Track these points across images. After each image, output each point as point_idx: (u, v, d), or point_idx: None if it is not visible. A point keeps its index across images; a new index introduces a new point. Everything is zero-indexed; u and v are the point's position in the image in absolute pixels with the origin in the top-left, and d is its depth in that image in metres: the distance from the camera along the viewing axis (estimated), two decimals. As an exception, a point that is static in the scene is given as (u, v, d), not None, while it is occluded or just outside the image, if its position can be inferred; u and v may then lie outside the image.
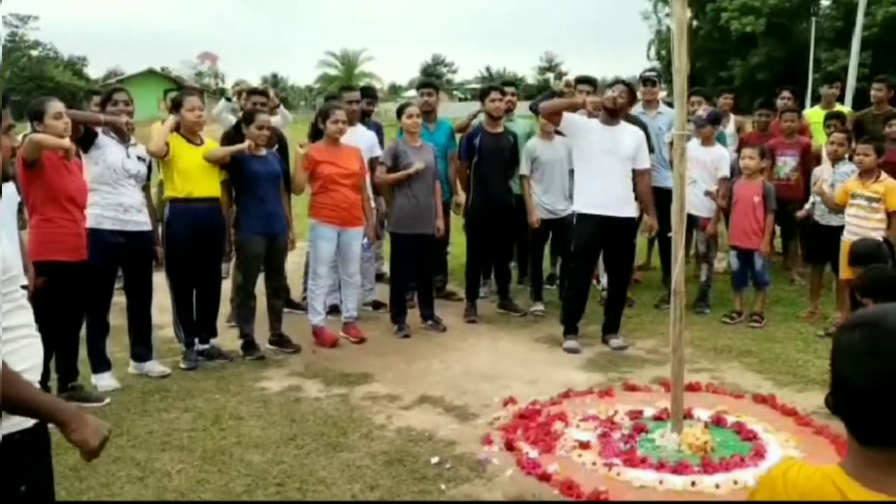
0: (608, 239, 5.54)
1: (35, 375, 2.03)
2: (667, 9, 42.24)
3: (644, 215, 5.91)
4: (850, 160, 6.07)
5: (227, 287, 5.85)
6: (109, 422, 4.20)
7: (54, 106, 4.30)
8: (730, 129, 7.79)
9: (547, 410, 4.47)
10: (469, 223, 6.50)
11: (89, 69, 54.19)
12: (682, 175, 3.99)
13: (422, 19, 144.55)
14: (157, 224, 5.17)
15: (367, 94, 6.96)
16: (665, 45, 44.46)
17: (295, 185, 5.72)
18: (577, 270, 5.75)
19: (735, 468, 3.73)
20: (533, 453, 3.92)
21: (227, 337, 5.66)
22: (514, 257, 7.17)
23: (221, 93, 7.78)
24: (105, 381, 4.83)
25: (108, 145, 4.78)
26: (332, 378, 5.03)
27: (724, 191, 6.41)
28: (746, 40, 45.54)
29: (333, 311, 6.14)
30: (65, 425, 1.86)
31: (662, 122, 6.83)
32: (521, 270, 7.35)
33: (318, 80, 59.75)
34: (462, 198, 6.73)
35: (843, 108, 7.93)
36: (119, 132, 4.87)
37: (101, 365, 4.86)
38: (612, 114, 5.53)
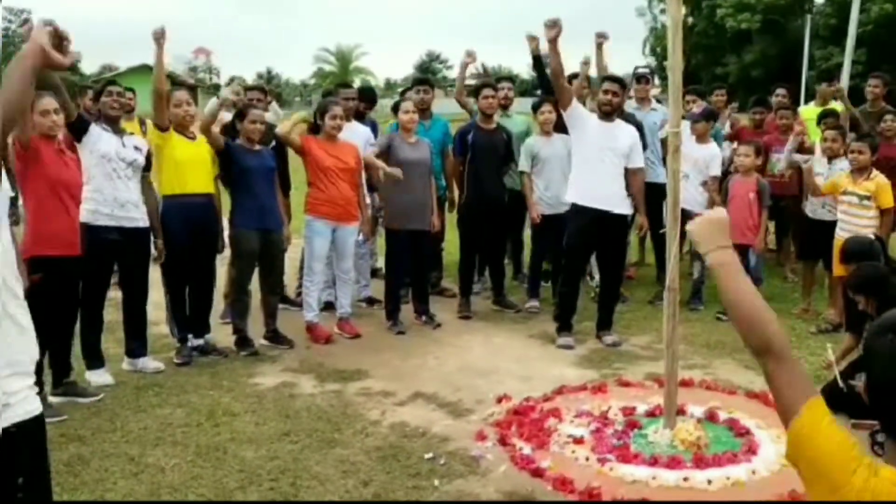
0: (601, 235, 5.56)
1: (31, 366, 2.04)
2: (662, 5, 42.30)
3: (637, 213, 5.93)
4: (844, 156, 6.08)
5: (222, 283, 5.85)
6: (103, 418, 4.25)
7: (41, 103, 4.24)
8: (726, 127, 7.81)
9: (541, 406, 4.49)
10: (462, 219, 6.51)
11: (83, 64, 53.94)
12: (675, 172, 4.00)
13: (417, 15, 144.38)
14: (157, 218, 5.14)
15: (367, 98, 6.93)
16: (660, 42, 44.50)
17: (288, 141, 5.67)
18: (569, 267, 5.77)
19: (728, 464, 3.75)
20: (527, 449, 3.94)
21: (222, 333, 5.65)
22: (508, 254, 7.17)
23: (216, 88, 7.75)
24: (99, 377, 4.82)
25: (100, 134, 4.75)
26: (326, 374, 5.03)
27: (714, 186, 6.43)
28: (741, 37, 45.60)
29: (328, 307, 6.14)
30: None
31: (656, 119, 6.84)
32: (516, 267, 7.36)
33: (313, 75, 59.68)
34: (456, 194, 6.74)
35: (837, 106, 7.95)
36: (111, 122, 4.84)
37: (95, 361, 4.86)
38: (608, 112, 5.55)
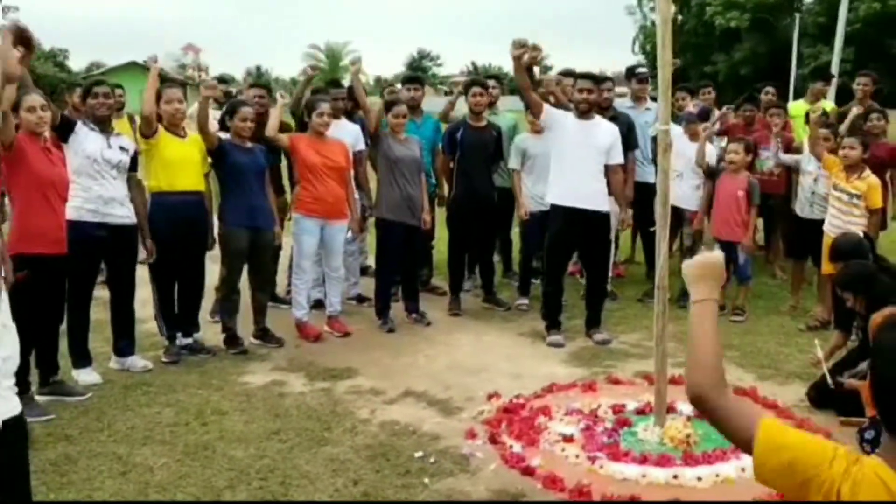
0: (582, 233, 5.57)
1: (11, 366, 2.02)
2: (651, 3, 42.38)
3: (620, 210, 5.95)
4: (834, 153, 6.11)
5: (211, 280, 5.81)
6: (91, 417, 4.22)
7: (27, 100, 4.20)
8: (716, 126, 7.82)
9: (531, 404, 4.48)
10: (452, 217, 6.50)
11: (71, 61, 53.61)
12: (665, 170, 4.00)
13: (408, 12, 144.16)
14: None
15: (354, 98, 6.91)
16: (650, 40, 44.63)
17: (271, 134, 5.63)
18: (551, 266, 5.79)
19: (717, 461, 3.76)
20: (517, 447, 3.93)
21: (211, 331, 5.62)
22: (497, 251, 7.17)
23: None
24: (86, 376, 4.78)
25: (87, 135, 4.72)
26: (315, 372, 5.01)
27: (708, 186, 6.44)
28: (730, 35, 45.78)
29: (318, 305, 6.12)
30: None
31: (650, 118, 6.85)
32: (505, 265, 7.36)
33: (303, 72, 59.46)
34: (446, 191, 6.73)
35: (827, 104, 7.98)
36: (99, 122, 4.81)
37: (82, 359, 4.82)
38: (584, 111, 5.56)
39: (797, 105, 8.02)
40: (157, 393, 4.65)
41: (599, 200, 5.58)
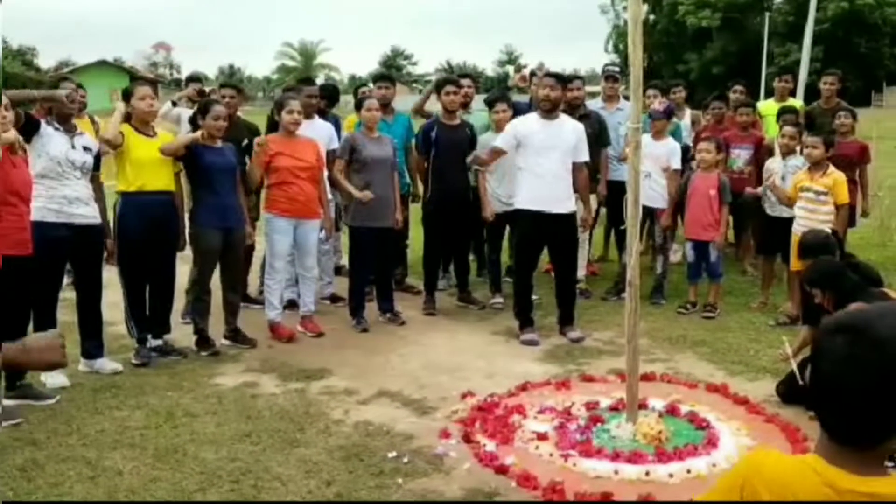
0: (549, 234, 5.60)
1: None
2: (624, 3, 42.67)
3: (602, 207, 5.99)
4: (801, 153, 6.19)
5: (182, 281, 5.75)
6: (59, 421, 4.15)
7: None
8: (685, 120, 7.89)
9: (505, 403, 4.49)
10: (426, 216, 6.49)
11: (39, 59, 52.85)
12: (636, 169, 4.03)
13: (382, 10, 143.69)
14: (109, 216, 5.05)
15: (329, 95, 6.86)
16: (623, 39, 44.91)
17: (250, 180, 5.64)
18: (519, 264, 5.82)
19: (688, 457, 3.79)
20: (490, 446, 3.94)
21: (182, 332, 5.56)
22: (472, 250, 7.17)
23: (177, 83, 7.64)
24: (54, 379, 4.70)
25: (51, 136, 4.64)
26: (288, 373, 4.98)
27: (675, 185, 6.49)
28: (702, 34, 46.25)
29: (291, 305, 6.08)
30: (19, 364, 1.86)
31: (622, 117, 6.89)
32: (480, 263, 7.37)
33: (277, 70, 59.15)
34: (420, 190, 6.72)
35: (796, 102, 8.08)
36: (63, 117, 4.73)
37: (49, 362, 4.74)
38: (548, 109, 5.58)
39: (767, 104, 8.11)
40: (127, 395, 4.59)
41: (566, 201, 5.60)
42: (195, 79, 7.46)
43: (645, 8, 39.92)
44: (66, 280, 4.99)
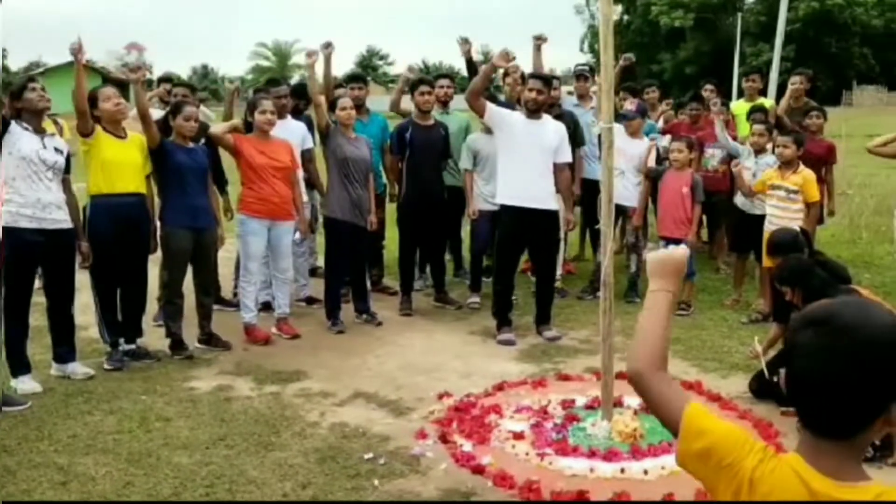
0: (531, 231, 5.61)
1: None
2: (598, 3, 43.01)
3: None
4: (772, 152, 6.27)
5: (154, 285, 5.69)
6: (30, 427, 4.09)
7: None
8: (660, 123, 7.96)
9: (481, 402, 4.50)
10: (401, 216, 6.48)
11: (9, 60, 51.96)
12: (609, 167, 4.05)
13: (357, 10, 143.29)
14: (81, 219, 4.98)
15: (302, 95, 6.82)
16: (597, 39, 45.24)
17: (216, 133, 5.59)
18: (500, 263, 5.82)
19: (663, 454, 3.82)
20: (467, 446, 3.94)
21: (154, 336, 5.50)
22: (448, 250, 7.17)
23: (149, 84, 7.52)
24: (25, 385, 4.63)
25: (21, 135, 4.57)
26: (263, 376, 4.95)
27: (646, 184, 6.55)
28: (675, 35, 46.67)
29: (266, 307, 6.04)
30: None
31: (595, 116, 6.93)
32: (456, 263, 7.37)
33: (251, 71, 58.71)
34: (396, 190, 6.71)
35: (766, 101, 8.18)
36: (35, 120, 4.66)
37: (20, 367, 4.67)
38: (534, 110, 5.60)
39: (738, 104, 8.20)
40: (100, 400, 4.53)
41: (548, 199, 5.62)
42: (167, 79, 7.38)
43: (618, 8, 40.06)
44: (36, 284, 4.90)
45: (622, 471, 3.67)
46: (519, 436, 4.05)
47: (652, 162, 6.67)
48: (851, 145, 11.25)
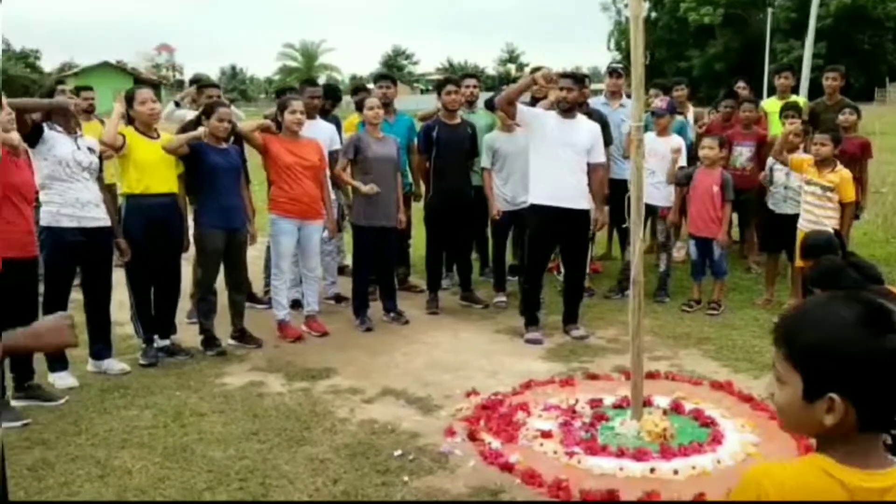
0: (562, 231, 5.61)
1: None
2: (625, 0, 42.64)
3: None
4: (806, 151, 6.20)
5: (188, 283, 5.78)
6: (68, 421, 4.18)
7: None
8: (689, 117, 7.91)
9: (509, 401, 4.51)
10: (428, 215, 6.51)
11: (42, 62, 52.97)
12: (639, 167, 4.05)
13: (383, 10, 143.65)
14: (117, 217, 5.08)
15: (331, 95, 6.88)
16: (624, 37, 44.91)
17: (246, 131, 5.66)
18: (531, 262, 5.81)
19: (693, 454, 3.81)
20: (495, 444, 3.96)
21: (188, 333, 5.59)
22: (475, 249, 7.19)
23: (179, 85, 7.65)
24: (63, 380, 4.74)
25: (55, 139, 4.68)
26: (294, 372, 5.01)
27: (674, 178, 6.49)
28: (704, 31, 46.15)
29: (295, 305, 6.11)
30: (27, 349, 1.86)
31: (624, 114, 6.90)
32: (483, 262, 7.39)
33: (278, 71, 59.16)
34: (423, 190, 6.74)
35: (799, 99, 8.09)
36: (66, 121, 4.77)
37: (58, 363, 4.78)
38: (568, 109, 5.59)
39: (770, 101, 8.11)
40: (135, 395, 4.63)
41: (578, 198, 5.60)
42: (197, 80, 7.48)
43: (646, 5, 39.80)
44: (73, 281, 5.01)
45: (652, 470, 3.66)
46: (547, 434, 4.05)
47: (683, 161, 6.61)
48: (885, 143, 11.09)
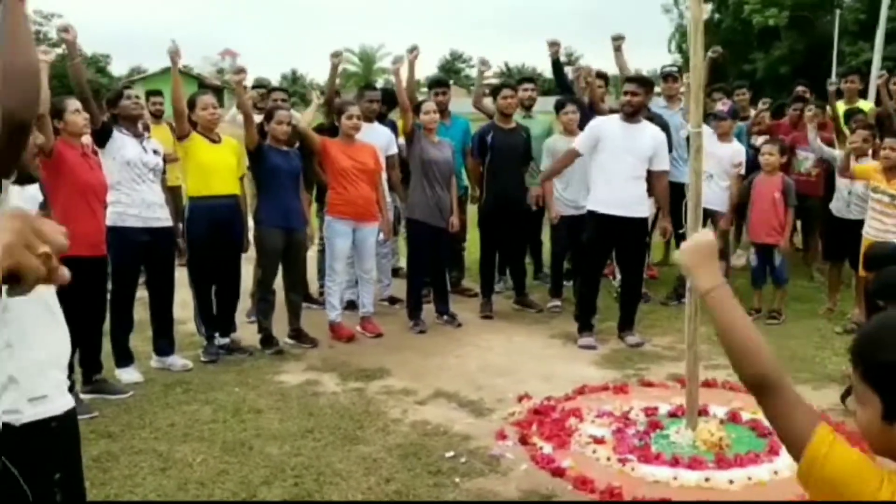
0: (618, 238, 5.56)
1: (64, 361, 2.11)
2: (687, 2, 42.02)
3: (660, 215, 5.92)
4: (874, 157, 6.03)
5: (249, 282, 5.93)
6: (133, 414, 4.34)
7: (73, 103, 4.46)
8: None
9: (562, 406, 4.50)
10: (482, 219, 6.54)
11: (112, 66, 54.77)
12: (697, 171, 4.00)
13: (440, 14, 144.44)
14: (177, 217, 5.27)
15: (388, 100, 6.97)
16: (686, 39, 44.16)
17: (304, 128, 5.74)
18: (587, 267, 5.79)
19: (749, 464, 3.74)
20: (547, 448, 3.95)
21: (247, 331, 5.73)
22: (528, 253, 7.19)
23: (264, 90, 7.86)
24: (128, 375, 4.92)
25: (124, 141, 4.86)
26: (348, 372, 5.09)
27: (736, 187, 6.38)
28: (769, 33, 45.03)
29: (350, 306, 6.20)
30: None
31: (682, 118, 6.80)
32: (537, 266, 7.37)
33: (338, 75, 59.87)
34: (477, 193, 6.77)
35: (865, 104, 7.85)
36: (132, 126, 4.95)
37: (124, 358, 4.96)
38: (632, 113, 5.55)
39: (837, 105, 7.88)
40: (196, 391, 4.77)
41: (636, 206, 5.54)
42: (260, 85, 7.66)
43: (709, 7, 38.99)
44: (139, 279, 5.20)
45: (706, 480, 3.61)
46: (600, 441, 4.03)
47: (743, 168, 6.49)
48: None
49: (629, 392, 4.76)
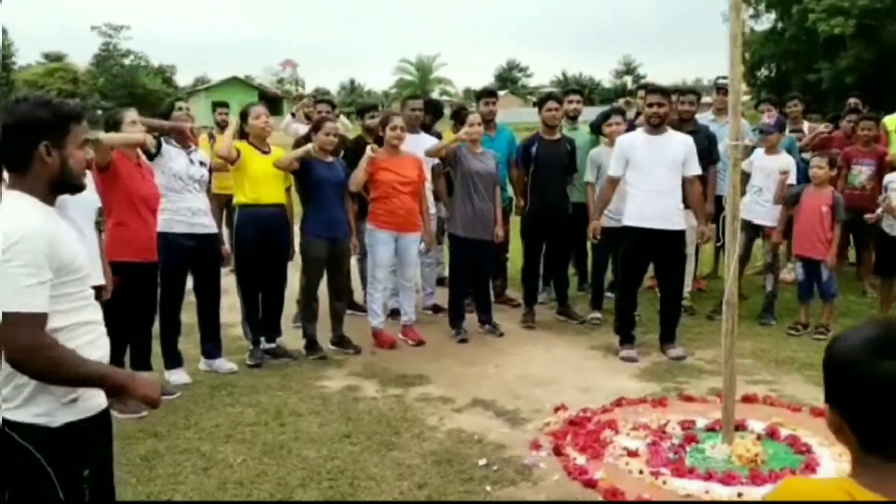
0: (655, 250, 5.53)
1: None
2: (750, 10, 41.12)
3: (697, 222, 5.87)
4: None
5: (295, 289, 6.08)
6: (179, 415, 4.51)
7: (130, 115, 4.67)
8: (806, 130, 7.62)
9: (598, 418, 4.50)
10: (526, 230, 6.57)
11: (177, 77, 56.50)
12: (735, 185, 3.97)
13: (497, 23, 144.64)
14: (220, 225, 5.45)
15: (432, 110, 7.05)
16: (748, 49, 43.23)
17: (352, 181, 5.78)
18: (624, 280, 5.77)
19: (785, 481, 3.68)
20: (580, 459, 3.96)
21: (292, 336, 5.89)
22: (572, 264, 7.18)
23: (300, 99, 8.11)
24: (177, 376, 5.10)
25: (171, 154, 5.06)
26: (388, 379, 5.18)
27: (781, 199, 6.26)
28: (834, 42, 43.77)
29: (394, 314, 6.30)
30: (124, 388, 2.07)
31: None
32: (581, 277, 7.36)
33: (395, 85, 60.59)
34: (522, 204, 6.80)
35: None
36: (180, 139, 5.15)
37: (173, 361, 5.15)
38: (656, 125, 5.53)
39: (891, 119, 7.68)
40: (241, 394, 4.92)
41: (673, 218, 5.51)
42: (323, 100, 7.81)
43: (772, 16, 38.15)
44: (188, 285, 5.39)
45: (739, 495, 3.58)
46: (633, 453, 4.02)
47: (793, 180, 6.37)
48: None
49: (667, 405, 4.72)
